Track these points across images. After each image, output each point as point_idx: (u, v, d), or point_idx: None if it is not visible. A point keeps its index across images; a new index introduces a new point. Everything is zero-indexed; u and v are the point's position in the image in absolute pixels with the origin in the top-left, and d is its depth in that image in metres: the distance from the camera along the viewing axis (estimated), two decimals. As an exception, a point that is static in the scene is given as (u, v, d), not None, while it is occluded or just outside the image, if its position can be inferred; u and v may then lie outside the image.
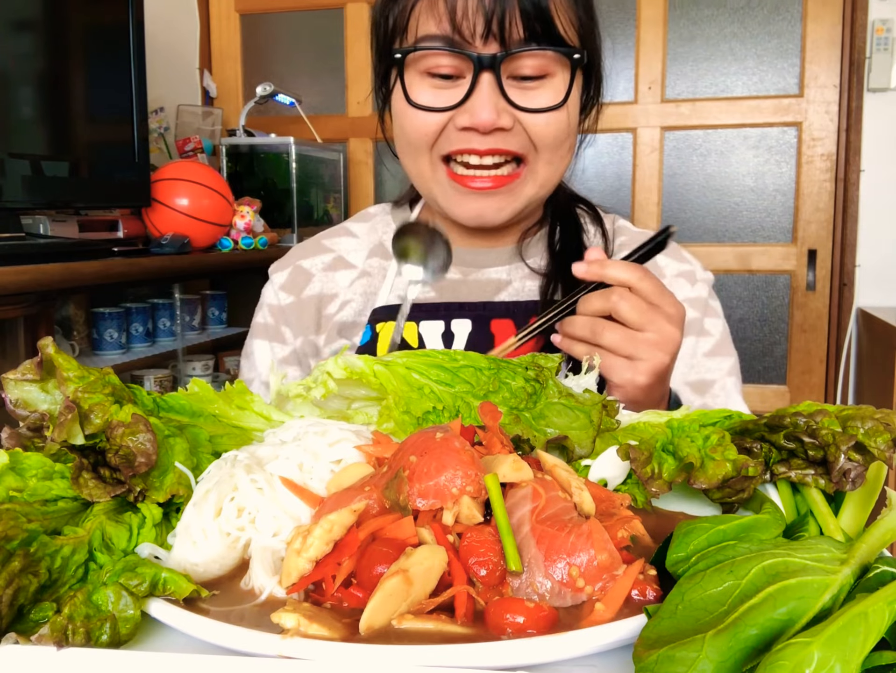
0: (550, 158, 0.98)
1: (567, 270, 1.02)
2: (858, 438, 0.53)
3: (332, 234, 1.17)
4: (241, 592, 0.49)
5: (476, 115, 0.91)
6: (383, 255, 1.12)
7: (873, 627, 0.36)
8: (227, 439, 0.63)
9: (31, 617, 0.44)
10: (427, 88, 0.95)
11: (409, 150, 1.01)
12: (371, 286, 1.11)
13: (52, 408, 0.56)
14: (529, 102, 0.93)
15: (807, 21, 2.99)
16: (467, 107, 0.92)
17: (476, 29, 0.90)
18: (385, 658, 0.39)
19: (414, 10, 0.94)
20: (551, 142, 0.96)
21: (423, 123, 0.96)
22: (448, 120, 0.94)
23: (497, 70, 0.91)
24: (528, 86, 0.94)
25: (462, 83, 0.93)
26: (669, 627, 0.38)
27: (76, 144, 2.22)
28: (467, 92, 0.92)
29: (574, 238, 1.11)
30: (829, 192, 3.04)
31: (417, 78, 0.96)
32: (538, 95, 0.94)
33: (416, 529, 0.49)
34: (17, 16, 2.00)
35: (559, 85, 0.95)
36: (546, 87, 0.95)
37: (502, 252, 1.10)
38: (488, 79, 0.91)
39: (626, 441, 0.62)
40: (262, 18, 3.45)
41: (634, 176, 3.19)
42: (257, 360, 1.13)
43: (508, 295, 1.07)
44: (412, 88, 0.96)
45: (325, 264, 1.13)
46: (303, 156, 2.88)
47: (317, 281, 1.12)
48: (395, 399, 0.65)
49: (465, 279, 1.09)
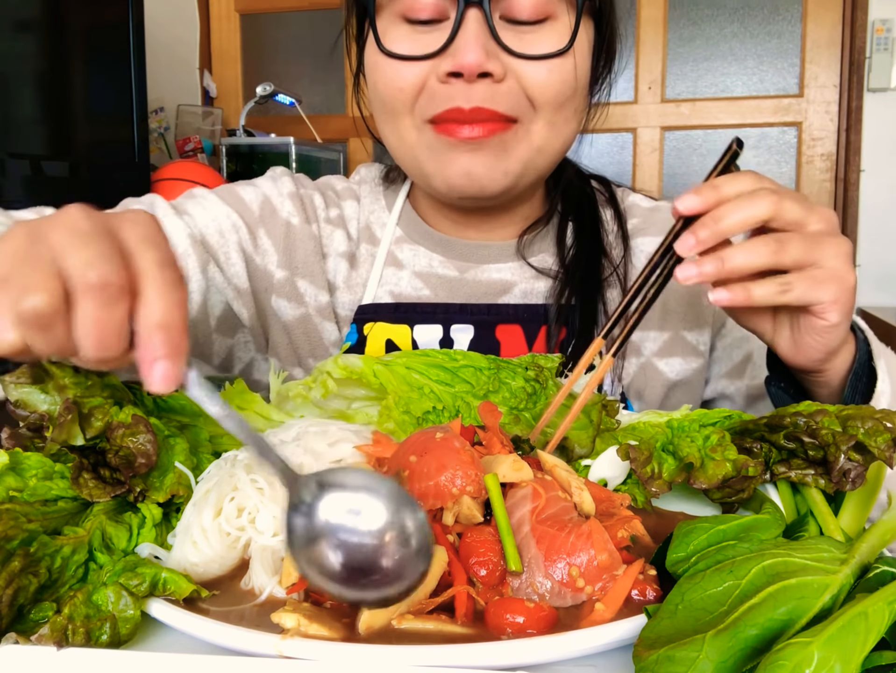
0: (552, 119, 0.83)
1: (583, 270, 0.92)
2: (859, 438, 0.53)
3: (339, 193, 1.02)
4: (241, 592, 0.49)
5: (460, 55, 0.77)
6: (370, 240, 0.99)
7: (873, 626, 0.36)
8: (228, 439, 0.63)
9: (31, 617, 0.44)
10: (404, 35, 0.81)
11: (385, 113, 0.86)
12: (358, 277, 0.98)
13: (52, 408, 0.56)
14: (527, 48, 0.79)
15: (807, 21, 2.99)
16: (450, 50, 0.78)
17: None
18: (385, 658, 0.40)
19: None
20: (553, 97, 0.81)
21: (399, 77, 0.82)
22: (429, 72, 0.80)
23: (486, 5, 0.77)
24: (525, 30, 0.80)
25: (445, 26, 0.79)
26: (669, 627, 0.38)
27: (76, 144, 2.22)
28: (451, 33, 0.78)
29: (590, 232, 0.96)
30: (829, 192, 3.04)
31: (393, 24, 0.82)
32: (536, 40, 0.80)
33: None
34: (17, 16, 2.00)
35: (563, 28, 0.80)
36: (546, 31, 0.80)
37: (504, 247, 0.96)
38: (475, 15, 0.77)
39: (626, 441, 0.62)
40: (262, 18, 3.45)
41: (634, 176, 3.19)
42: (199, 211, 0.93)
43: (515, 297, 0.94)
44: (386, 36, 0.82)
45: (329, 217, 1.00)
46: (303, 156, 2.88)
47: (321, 226, 0.99)
48: (395, 399, 0.65)
49: (462, 277, 0.95)
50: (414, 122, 0.83)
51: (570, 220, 0.97)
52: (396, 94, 0.82)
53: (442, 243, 0.97)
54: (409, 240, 0.98)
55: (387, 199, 1.02)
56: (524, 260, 0.95)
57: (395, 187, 1.03)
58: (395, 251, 0.98)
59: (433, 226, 0.98)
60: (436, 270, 0.96)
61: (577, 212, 0.98)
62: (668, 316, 0.94)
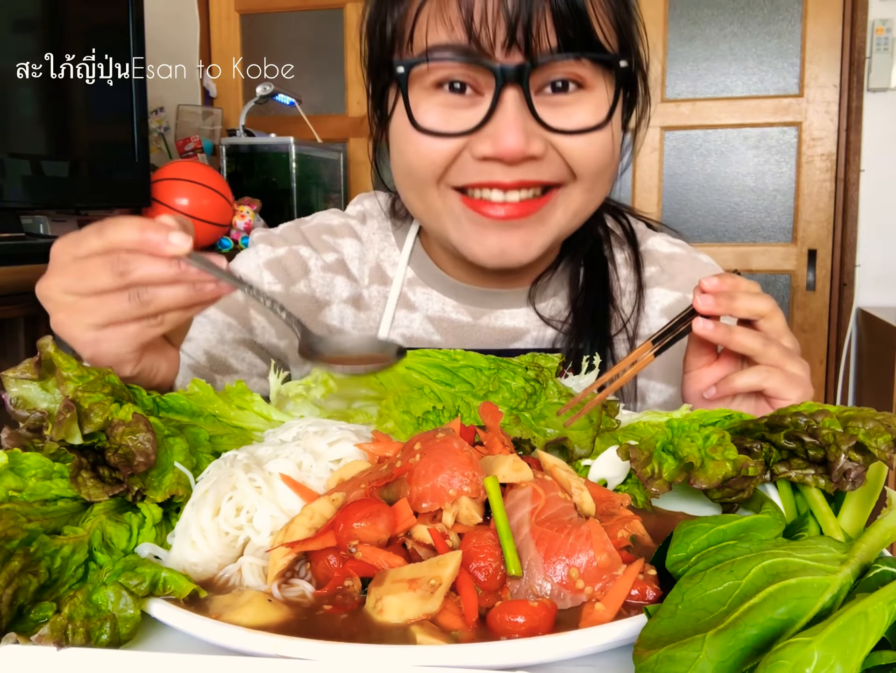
0: (591, 186, 0.82)
1: (591, 321, 0.92)
2: (859, 438, 0.53)
3: (336, 232, 1.01)
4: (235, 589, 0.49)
5: (501, 141, 0.75)
6: (381, 280, 0.98)
7: (873, 626, 0.36)
8: (227, 439, 0.63)
9: (31, 617, 0.44)
10: (436, 108, 0.78)
11: (410, 182, 0.84)
12: (369, 319, 0.97)
13: (51, 406, 0.56)
14: (565, 122, 0.77)
15: (807, 21, 2.99)
16: (489, 131, 0.76)
17: (497, 37, 0.74)
18: (385, 658, 0.39)
19: (420, 13, 0.77)
20: (594, 166, 0.80)
21: (430, 151, 0.78)
22: (463, 147, 0.78)
23: (525, 84, 0.74)
24: (563, 101, 0.78)
25: (481, 102, 0.76)
26: (669, 627, 0.38)
27: (76, 144, 2.22)
28: (488, 111, 0.75)
29: (599, 281, 0.95)
30: (829, 192, 3.04)
31: (424, 95, 0.79)
32: (575, 112, 0.78)
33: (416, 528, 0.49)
34: (17, 16, 2.00)
35: (599, 99, 0.79)
36: (584, 102, 0.79)
37: (517, 294, 0.95)
38: (514, 95, 0.75)
39: (626, 441, 0.62)
40: (262, 18, 3.45)
41: (634, 176, 3.19)
42: (196, 332, 0.94)
43: (527, 344, 0.94)
44: (418, 108, 0.78)
45: (326, 264, 0.98)
46: (303, 156, 2.88)
47: (313, 279, 0.98)
48: (395, 399, 0.65)
49: (475, 323, 0.95)
50: (440, 191, 0.82)
51: (581, 265, 0.97)
52: (427, 166, 0.80)
53: (455, 288, 0.96)
54: (422, 282, 0.97)
55: (397, 237, 1.00)
56: (535, 309, 0.95)
57: (404, 225, 1.01)
58: (407, 293, 0.97)
59: (446, 270, 0.97)
60: (449, 315, 0.95)
61: (588, 257, 0.97)
62: (673, 373, 0.94)
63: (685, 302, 0.96)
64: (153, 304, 0.62)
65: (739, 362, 0.75)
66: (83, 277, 0.61)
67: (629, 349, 0.94)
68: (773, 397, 0.72)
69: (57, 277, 0.63)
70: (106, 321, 0.62)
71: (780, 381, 0.71)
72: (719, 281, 0.71)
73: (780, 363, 0.71)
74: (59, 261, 0.63)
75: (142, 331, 0.63)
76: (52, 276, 0.63)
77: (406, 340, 0.95)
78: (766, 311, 0.72)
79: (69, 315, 0.63)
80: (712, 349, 0.76)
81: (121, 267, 0.60)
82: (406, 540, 0.49)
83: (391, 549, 0.49)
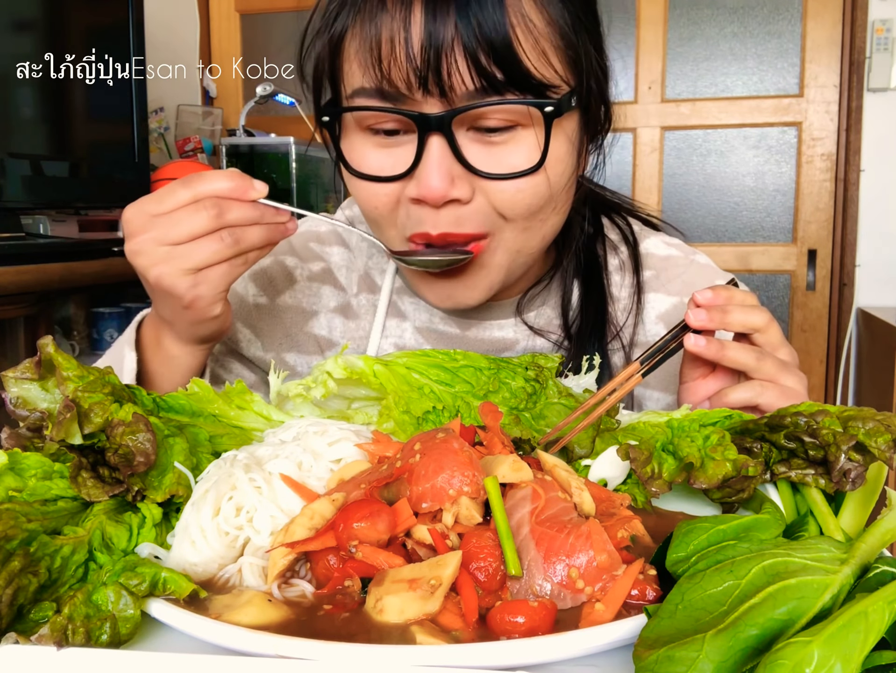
0: (526, 225, 0.78)
1: (585, 333, 0.91)
2: (859, 438, 0.53)
3: (324, 240, 1.00)
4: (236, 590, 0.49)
5: (423, 185, 0.72)
6: (370, 288, 0.97)
7: (873, 626, 0.36)
8: (227, 439, 0.63)
9: (31, 617, 0.44)
10: (371, 149, 0.77)
11: (369, 221, 0.84)
12: (359, 329, 0.96)
13: (51, 406, 0.56)
14: (495, 164, 0.73)
15: (807, 21, 2.99)
16: (415, 174, 0.74)
17: (411, 81, 0.70)
18: (385, 658, 0.39)
19: (341, 48, 0.75)
20: (523, 211, 0.76)
21: (373, 196, 0.78)
22: (402, 189, 0.76)
23: (447, 131, 0.71)
24: (493, 140, 0.74)
25: (412, 139, 0.74)
26: (669, 627, 0.38)
27: (76, 144, 2.22)
28: (415, 158, 0.73)
29: (592, 292, 0.93)
30: (829, 191, 3.04)
31: (359, 139, 0.77)
32: (507, 154, 0.74)
33: (416, 528, 0.49)
34: (17, 16, 2.00)
35: (535, 138, 0.73)
36: (516, 143, 0.74)
37: (506, 305, 0.94)
38: (437, 142, 0.72)
39: (626, 441, 0.62)
40: (262, 18, 3.45)
41: (634, 176, 3.19)
42: None
43: (516, 354, 0.90)
44: (353, 153, 0.78)
45: (312, 273, 0.98)
46: (303, 156, 2.88)
47: (298, 290, 0.97)
48: (395, 399, 0.65)
49: (464, 334, 0.94)
50: (398, 234, 0.80)
51: (573, 275, 0.95)
52: (374, 210, 0.79)
53: None
54: (409, 292, 0.96)
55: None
56: (524, 321, 0.94)
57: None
58: (396, 301, 0.96)
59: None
60: (437, 327, 0.95)
61: (579, 266, 0.95)
62: (671, 381, 0.93)
63: (681, 307, 0.95)
64: (242, 242, 0.71)
65: (735, 375, 0.74)
66: (176, 225, 0.69)
67: (624, 359, 0.93)
68: (767, 412, 0.71)
69: (146, 233, 0.70)
70: (202, 263, 0.70)
71: (775, 396, 0.70)
72: (713, 294, 0.70)
73: (774, 377, 0.71)
74: (140, 221, 0.70)
75: (231, 269, 0.72)
76: (139, 234, 0.70)
77: (398, 348, 0.94)
78: (760, 325, 0.71)
79: (166, 264, 0.70)
80: (708, 361, 0.75)
81: (215, 210, 0.69)
82: (406, 540, 0.49)
83: (391, 549, 0.49)
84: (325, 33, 0.76)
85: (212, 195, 0.69)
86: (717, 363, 0.74)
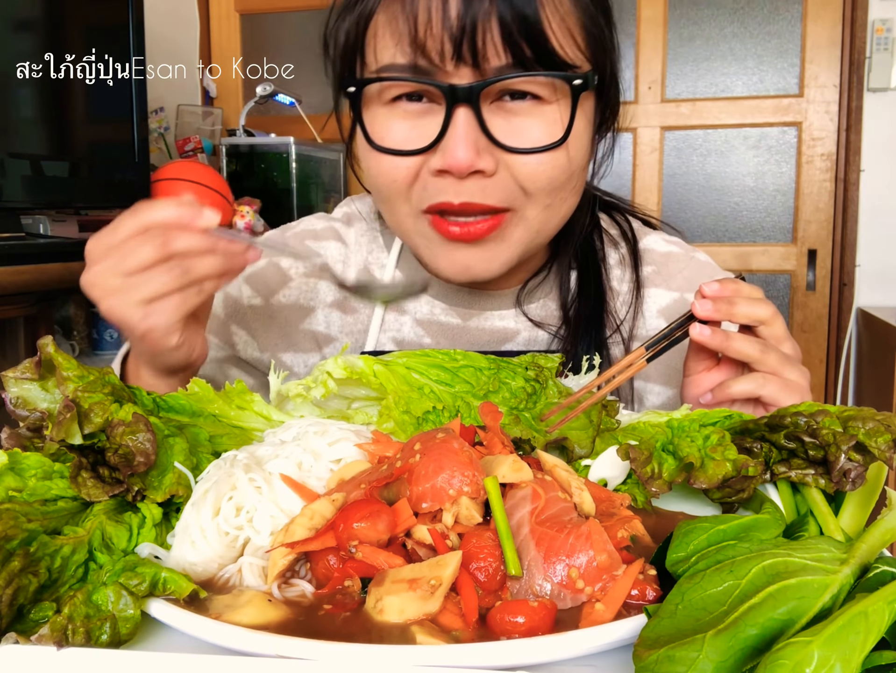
0: (547, 202, 0.80)
1: (584, 325, 0.91)
2: (859, 438, 0.53)
3: (320, 236, 1.01)
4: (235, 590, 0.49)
5: (449, 155, 0.74)
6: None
7: (873, 626, 0.36)
8: (227, 439, 0.63)
9: (31, 617, 0.44)
10: (396, 122, 0.78)
11: (380, 197, 0.84)
12: (357, 323, 0.96)
13: (51, 406, 0.56)
14: (518, 139, 0.76)
15: (807, 21, 2.99)
16: (441, 146, 0.76)
17: (445, 51, 0.72)
18: (385, 658, 0.39)
19: (371, 24, 0.77)
20: (545, 186, 0.78)
21: (391, 169, 0.79)
22: (422, 163, 0.78)
23: (475, 103, 0.73)
24: (518, 109, 0.76)
25: (438, 112, 0.75)
26: (669, 627, 0.38)
27: (76, 144, 2.22)
28: (441, 130, 0.74)
29: (592, 284, 0.94)
30: (829, 192, 3.04)
31: (382, 111, 0.78)
32: (530, 128, 0.76)
33: (416, 528, 0.49)
34: (17, 16, 2.00)
35: (556, 114, 0.76)
36: (539, 117, 0.76)
37: (506, 295, 0.95)
38: (464, 112, 0.74)
39: (626, 441, 0.62)
40: (262, 18, 3.45)
41: (634, 176, 3.19)
42: None
43: (518, 345, 0.93)
44: (375, 124, 0.79)
45: (307, 269, 0.98)
46: (303, 156, 2.87)
47: (294, 287, 0.97)
48: (395, 399, 0.65)
49: (465, 325, 0.94)
50: (411, 210, 0.82)
51: (572, 267, 0.96)
52: (391, 185, 0.80)
53: (443, 291, 0.96)
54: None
55: (384, 239, 1.00)
56: (524, 312, 0.95)
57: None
58: None
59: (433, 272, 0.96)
60: (438, 318, 0.95)
61: (580, 258, 0.96)
62: (672, 375, 0.93)
63: (682, 302, 0.95)
64: (193, 272, 0.69)
65: (739, 368, 0.75)
66: (126, 257, 0.68)
67: (624, 351, 0.93)
68: (769, 404, 0.72)
69: (99, 265, 0.70)
70: (152, 295, 0.69)
71: (777, 388, 0.71)
72: (720, 286, 0.71)
73: (777, 370, 0.71)
74: (97, 253, 0.70)
75: (184, 300, 0.70)
76: (94, 266, 0.70)
77: (397, 343, 0.94)
78: (766, 318, 0.72)
79: (117, 296, 0.69)
80: (712, 354, 0.75)
81: (160, 240, 0.67)
82: (406, 540, 0.49)
83: (391, 549, 0.49)
84: (356, 6, 0.79)
85: (158, 224, 0.68)
86: (722, 355, 0.74)
